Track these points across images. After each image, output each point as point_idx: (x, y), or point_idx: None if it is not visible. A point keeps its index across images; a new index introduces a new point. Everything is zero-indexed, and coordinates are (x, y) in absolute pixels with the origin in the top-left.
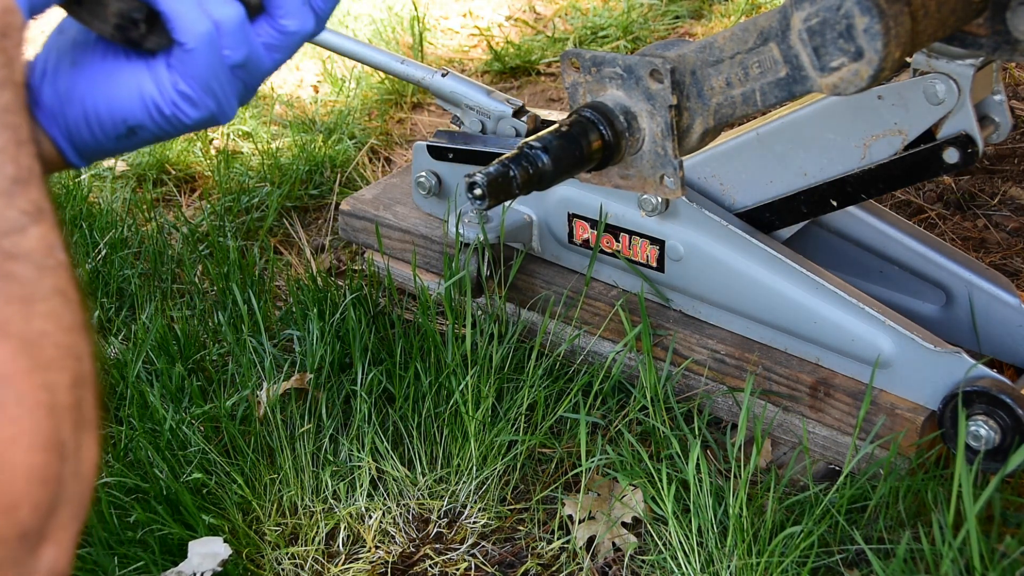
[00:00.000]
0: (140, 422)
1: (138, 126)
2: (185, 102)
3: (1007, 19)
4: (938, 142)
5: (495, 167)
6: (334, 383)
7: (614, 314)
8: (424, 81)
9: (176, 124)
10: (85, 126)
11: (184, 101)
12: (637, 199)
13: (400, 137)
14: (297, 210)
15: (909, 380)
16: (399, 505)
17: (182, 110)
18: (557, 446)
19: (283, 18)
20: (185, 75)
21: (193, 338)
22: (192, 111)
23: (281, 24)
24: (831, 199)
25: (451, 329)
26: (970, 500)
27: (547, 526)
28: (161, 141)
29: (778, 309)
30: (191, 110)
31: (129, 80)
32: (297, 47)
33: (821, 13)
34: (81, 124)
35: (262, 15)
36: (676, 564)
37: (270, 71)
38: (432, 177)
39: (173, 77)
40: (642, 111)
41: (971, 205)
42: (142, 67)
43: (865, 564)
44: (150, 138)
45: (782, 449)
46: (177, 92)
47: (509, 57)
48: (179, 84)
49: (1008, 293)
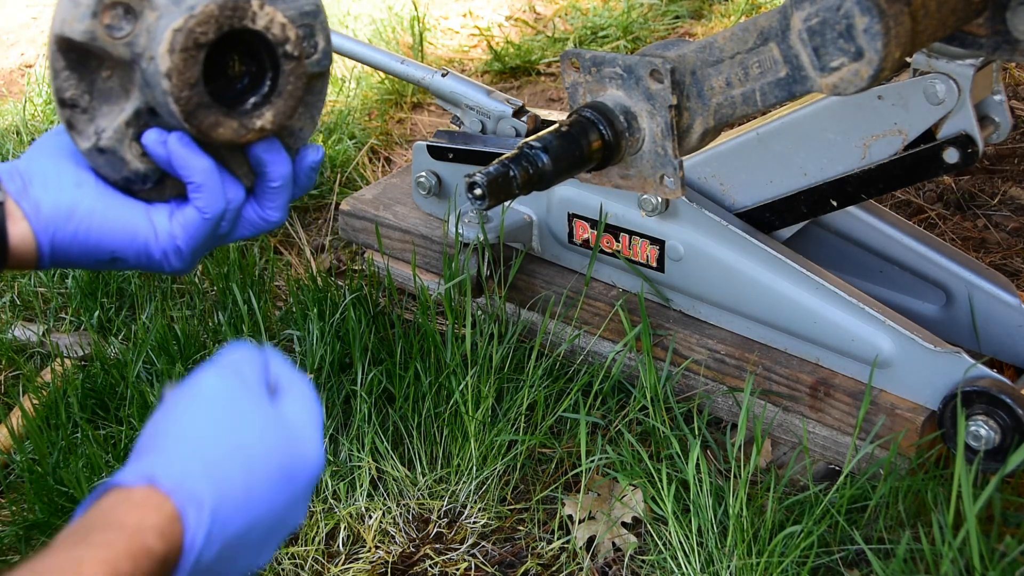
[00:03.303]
0: (140, 422)
1: (121, 259)
2: (175, 256)
3: (1007, 19)
4: (938, 142)
5: (495, 167)
6: (334, 383)
7: (614, 314)
8: (424, 81)
9: (154, 267)
10: (74, 245)
11: (175, 255)
12: (637, 199)
13: (400, 137)
14: (297, 210)
15: (909, 380)
16: (399, 505)
17: (169, 261)
18: (557, 446)
19: (269, 210)
20: (186, 236)
21: (193, 338)
22: (176, 263)
23: (267, 214)
24: (831, 199)
25: (451, 329)
26: (970, 500)
27: (547, 526)
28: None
29: (778, 309)
30: (176, 262)
31: (126, 218)
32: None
33: (821, 13)
34: (70, 242)
35: (251, 198)
36: (676, 564)
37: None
38: (432, 177)
39: (174, 231)
40: (642, 111)
41: (971, 205)
42: (141, 210)
43: (865, 564)
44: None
45: (782, 449)
46: (172, 246)
47: (509, 57)
48: (177, 240)
49: (1008, 293)
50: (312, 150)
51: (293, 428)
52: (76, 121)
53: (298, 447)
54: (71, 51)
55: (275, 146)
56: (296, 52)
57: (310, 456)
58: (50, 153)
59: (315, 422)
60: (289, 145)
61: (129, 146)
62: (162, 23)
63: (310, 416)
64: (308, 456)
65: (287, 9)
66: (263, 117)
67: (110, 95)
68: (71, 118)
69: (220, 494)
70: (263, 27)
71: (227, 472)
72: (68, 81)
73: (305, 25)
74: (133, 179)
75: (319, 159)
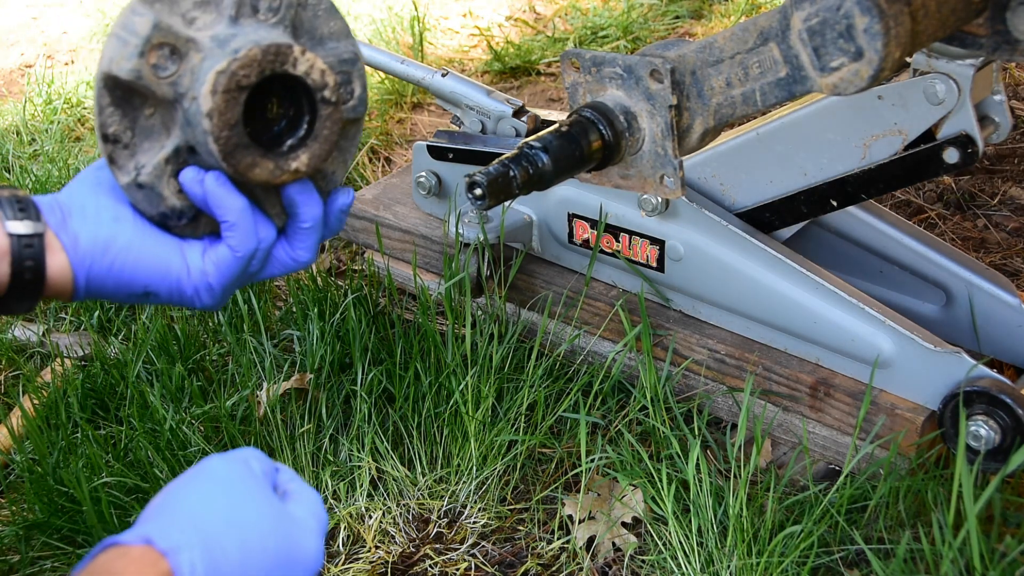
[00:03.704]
0: (140, 422)
1: (154, 294)
2: (207, 293)
3: (1007, 19)
4: (938, 142)
5: (495, 167)
6: (334, 383)
7: (614, 314)
8: (424, 81)
9: (185, 303)
10: (109, 278)
11: (206, 292)
12: (637, 199)
13: (400, 137)
14: None
15: (909, 380)
16: (399, 505)
17: (200, 298)
18: (557, 446)
19: (300, 250)
20: (218, 273)
21: (193, 338)
22: (207, 300)
23: (297, 254)
24: (831, 199)
25: (451, 329)
26: (970, 500)
27: (547, 526)
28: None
29: (778, 309)
30: (207, 299)
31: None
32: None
33: (821, 13)
34: (105, 276)
35: (282, 238)
36: (676, 564)
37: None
38: (432, 177)
39: (206, 268)
40: (642, 111)
41: (971, 205)
42: (175, 246)
43: (865, 564)
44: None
45: (782, 449)
46: (204, 284)
47: (509, 57)
48: (209, 277)
49: (1008, 293)
50: (343, 193)
51: (295, 522)
52: (117, 156)
53: (298, 539)
54: (117, 88)
55: (308, 188)
56: (334, 98)
57: (310, 551)
58: (90, 187)
59: (319, 525)
60: (321, 188)
61: (167, 183)
62: (206, 64)
63: (315, 518)
64: (307, 550)
65: (327, 56)
66: (298, 159)
67: (151, 132)
68: (113, 153)
69: (215, 566)
70: (303, 72)
71: (223, 546)
72: (112, 117)
73: (343, 72)
74: (169, 215)
75: (350, 202)
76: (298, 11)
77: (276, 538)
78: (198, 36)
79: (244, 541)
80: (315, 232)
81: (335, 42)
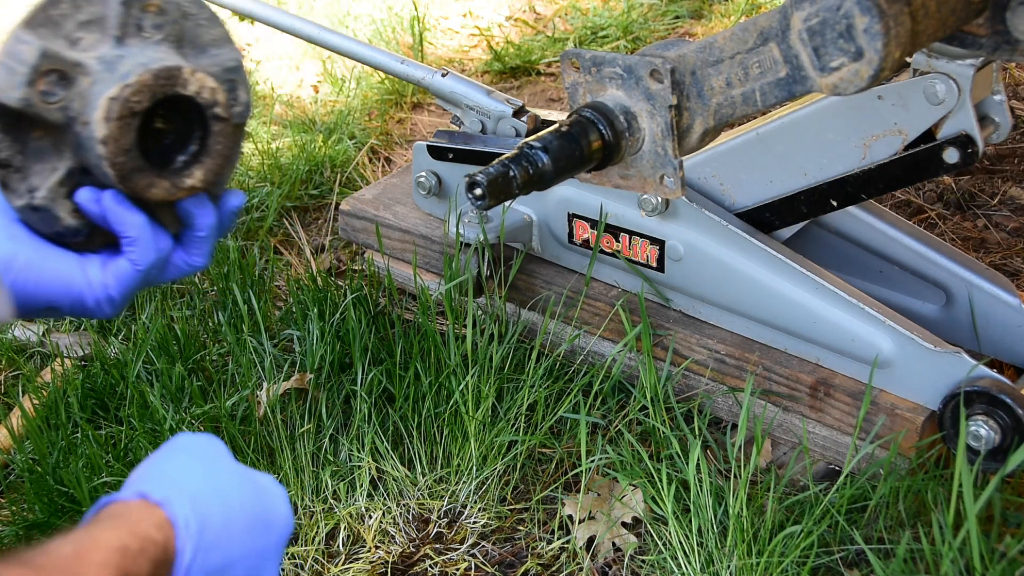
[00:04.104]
0: (140, 422)
1: (56, 308)
2: (108, 304)
3: (1007, 19)
4: (938, 142)
5: (495, 167)
6: (334, 383)
7: (614, 314)
8: (424, 81)
9: (87, 314)
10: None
11: (107, 303)
12: (637, 199)
13: (400, 137)
14: (297, 210)
15: (909, 380)
16: (399, 505)
17: (102, 309)
18: (557, 446)
19: (195, 256)
20: (119, 285)
21: (193, 338)
22: (108, 310)
23: (192, 260)
24: (831, 199)
25: (451, 329)
26: (970, 500)
27: (547, 526)
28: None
29: (778, 309)
30: (108, 309)
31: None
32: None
33: (821, 13)
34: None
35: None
36: (676, 564)
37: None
38: (432, 177)
39: (107, 281)
40: (642, 111)
41: (971, 205)
42: (74, 262)
43: (865, 564)
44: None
45: (782, 449)
46: (106, 296)
47: (509, 57)
48: (110, 290)
49: (1008, 293)
50: (234, 195)
51: (265, 489)
52: (9, 180)
53: (271, 504)
54: (5, 115)
55: (203, 200)
56: (226, 114)
57: (283, 514)
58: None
59: (284, 493)
60: (214, 194)
61: (61, 203)
62: (96, 89)
63: (280, 488)
64: (281, 513)
65: (211, 66)
66: (193, 176)
67: (42, 154)
68: (5, 178)
69: (203, 523)
70: (194, 92)
71: (209, 507)
72: (2, 143)
73: (229, 80)
74: (64, 233)
75: (240, 204)
76: (182, 24)
77: (253, 506)
78: (84, 59)
79: (226, 506)
80: (211, 239)
81: (217, 49)
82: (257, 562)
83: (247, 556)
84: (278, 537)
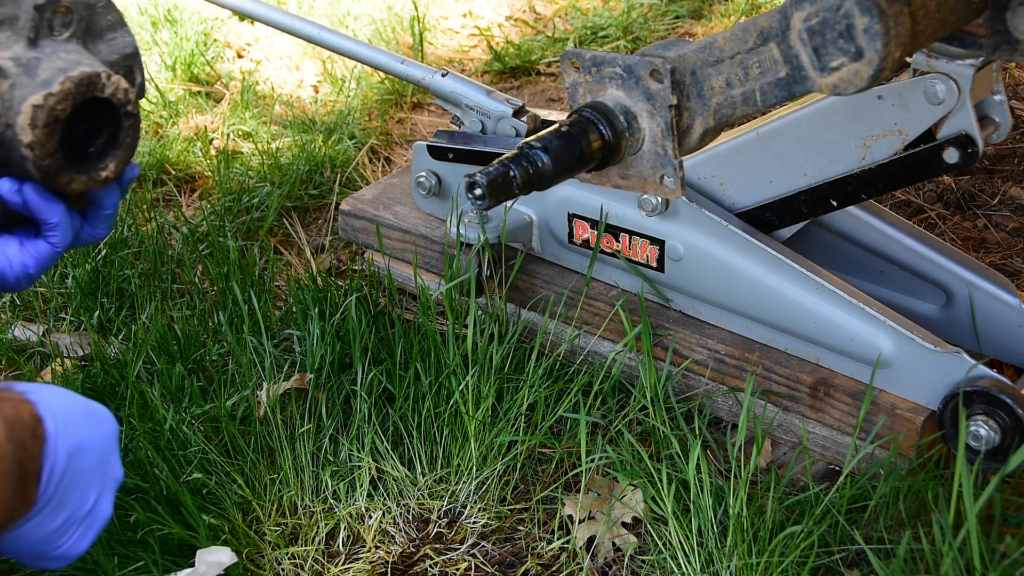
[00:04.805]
0: (140, 422)
1: None
2: (26, 280)
3: (1007, 19)
4: (938, 142)
5: (495, 167)
6: (334, 383)
7: (614, 314)
8: (424, 81)
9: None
10: None
11: (26, 280)
12: (637, 199)
13: (400, 137)
14: (297, 210)
15: (909, 380)
16: (399, 505)
17: (20, 284)
18: (557, 446)
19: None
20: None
21: (193, 338)
22: (26, 285)
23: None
24: (831, 199)
25: (451, 329)
26: (970, 500)
27: (547, 526)
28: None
29: (778, 309)
30: (26, 284)
31: None
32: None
33: (821, 13)
34: None
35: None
36: (676, 564)
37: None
38: (432, 177)
39: (25, 261)
40: (642, 111)
41: (971, 205)
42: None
43: (865, 564)
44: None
45: (782, 449)
46: (25, 274)
47: (509, 57)
48: (29, 269)
49: (1008, 293)
50: (130, 168)
51: (91, 403)
52: None
53: (98, 408)
54: None
55: (112, 185)
56: (135, 110)
57: (104, 411)
58: None
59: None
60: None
61: None
62: (17, 93)
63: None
64: (102, 411)
65: (111, 53)
66: (108, 168)
67: None
68: None
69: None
70: (110, 95)
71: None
72: None
73: (127, 66)
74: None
75: (135, 175)
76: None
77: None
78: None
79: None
80: (115, 214)
81: (113, 33)
82: (104, 450)
83: (93, 441)
84: (111, 430)
